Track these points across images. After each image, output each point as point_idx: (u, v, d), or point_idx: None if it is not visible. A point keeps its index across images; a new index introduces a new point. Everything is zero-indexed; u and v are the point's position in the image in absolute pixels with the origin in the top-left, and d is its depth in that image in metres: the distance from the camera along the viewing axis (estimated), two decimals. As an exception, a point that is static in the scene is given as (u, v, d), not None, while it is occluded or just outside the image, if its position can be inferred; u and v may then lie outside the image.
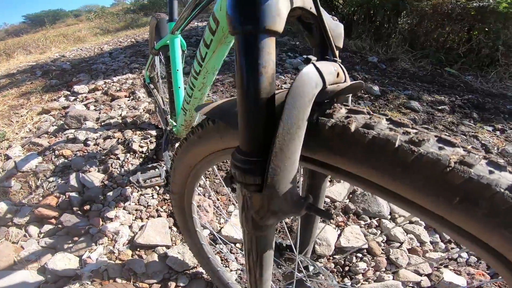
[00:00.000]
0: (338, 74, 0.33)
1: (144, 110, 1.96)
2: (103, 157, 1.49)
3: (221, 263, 1.02)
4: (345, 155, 0.28)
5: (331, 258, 1.04)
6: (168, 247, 1.07)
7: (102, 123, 1.82)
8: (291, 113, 0.27)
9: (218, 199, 1.25)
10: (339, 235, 1.09)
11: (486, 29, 3.11)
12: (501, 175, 0.22)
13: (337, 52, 0.37)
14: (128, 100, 2.16)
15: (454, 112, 2.15)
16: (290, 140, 0.27)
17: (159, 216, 1.18)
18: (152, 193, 1.26)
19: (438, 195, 0.23)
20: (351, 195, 1.24)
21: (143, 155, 1.47)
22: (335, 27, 0.38)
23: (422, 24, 3.48)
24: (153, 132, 1.64)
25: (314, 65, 0.30)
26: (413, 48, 3.42)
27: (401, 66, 3.06)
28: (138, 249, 1.07)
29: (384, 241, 1.09)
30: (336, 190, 1.24)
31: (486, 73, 3.02)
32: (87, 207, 1.23)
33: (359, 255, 1.04)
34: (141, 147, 1.51)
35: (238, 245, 1.08)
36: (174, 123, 1.09)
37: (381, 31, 3.67)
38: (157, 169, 1.09)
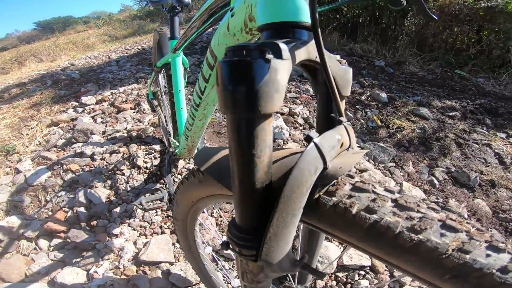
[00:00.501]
0: (342, 144, 0.31)
1: (149, 123, 1.99)
2: (109, 172, 1.52)
3: (223, 280, 1.02)
4: (346, 231, 0.28)
5: (333, 276, 1.03)
6: (171, 263, 1.08)
7: (108, 137, 1.85)
8: (286, 205, 0.26)
9: (221, 216, 1.25)
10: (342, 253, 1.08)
11: (496, 29, 3.03)
12: (498, 257, 0.23)
13: (343, 104, 0.34)
14: (134, 112, 2.20)
15: (466, 118, 2.10)
16: (284, 227, 0.27)
17: (162, 232, 1.19)
18: (156, 210, 1.27)
19: (431, 271, 0.25)
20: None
21: (147, 171, 1.48)
22: (343, 74, 0.34)
23: (430, 26, 3.41)
24: (157, 147, 1.65)
25: (316, 145, 0.27)
26: (421, 51, 3.35)
27: (409, 70, 3.01)
28: (142, 265, 1.09)
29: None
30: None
31: (498, 75, 2.94)
32: (94, 222, 1.26)
33: (362, 272, 1.03)
34: (145, 162, 1.53)
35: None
36: (177, 143, 1.09)
37: (388, 33, 3.62)
38: (159, 192, 1.10)
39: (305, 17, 0.31)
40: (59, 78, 3.64)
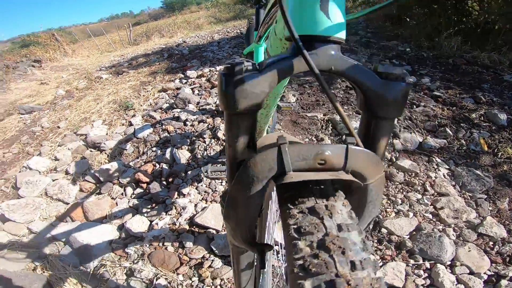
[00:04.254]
0: (325, 162, 0.29)
1: (234, 102, 2.16)
2: (194, 138, 1.75)
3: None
4: None
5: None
6: (217, 231, 1.15)
7: (200, 108, 2.12)
8: (242, 176, 0.31)
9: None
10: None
11: None
12: None
13: (390, 124, 0.33)
14: (224, 90, 2.42)
15: None
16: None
17: (222, 201, 1.31)
18: (221, 180, 1.40)
19: None
20: (414, 233, 1.11)
21: (224, 144, 1.64)
22: (383, 92, 0.30)
23: None
24: (239, 124, 1.79)
25: (279, 149, 0.29)
26: None
27: (553, 91, 2.31)
28: (194, 227, 1.18)
29: (426, 285, 0.95)
30: (399, 224, 1.12)
31: None
32: (171, 179, 1.45)
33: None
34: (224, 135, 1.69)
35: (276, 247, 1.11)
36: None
37: (533, 42, 2.83)
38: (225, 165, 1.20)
39: (326, 31, 0.30)
40: (173, 53, 4.28)
